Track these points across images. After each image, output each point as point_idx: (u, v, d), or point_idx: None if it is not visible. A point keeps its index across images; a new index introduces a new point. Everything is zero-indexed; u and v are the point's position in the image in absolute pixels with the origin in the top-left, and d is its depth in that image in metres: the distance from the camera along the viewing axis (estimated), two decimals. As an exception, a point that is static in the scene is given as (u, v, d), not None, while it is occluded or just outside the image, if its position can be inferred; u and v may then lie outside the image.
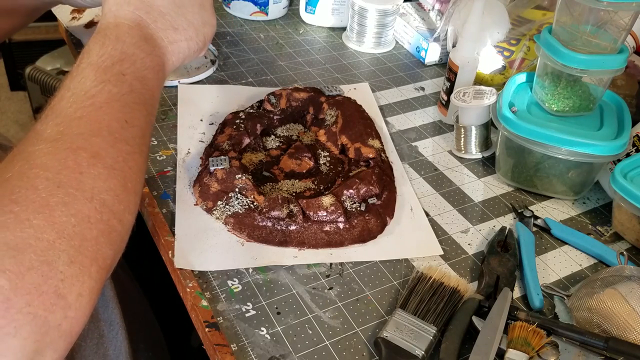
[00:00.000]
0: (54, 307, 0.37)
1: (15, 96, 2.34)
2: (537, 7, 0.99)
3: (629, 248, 0.71)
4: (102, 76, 0.49)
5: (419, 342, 0.55)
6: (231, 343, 0.55)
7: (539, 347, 0.54)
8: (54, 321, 0.37)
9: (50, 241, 0.38)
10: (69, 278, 0.38)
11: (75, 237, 0.40)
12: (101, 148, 0.45)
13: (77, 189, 0.41)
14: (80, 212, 0.41)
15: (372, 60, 1.05)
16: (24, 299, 0.35)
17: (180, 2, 0.60)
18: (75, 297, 0.38)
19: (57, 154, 0.42)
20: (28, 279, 0.36)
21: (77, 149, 0.43)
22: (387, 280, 0.64)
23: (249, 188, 0.68)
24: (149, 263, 0.80)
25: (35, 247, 0.37)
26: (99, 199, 0.42)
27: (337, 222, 0.66)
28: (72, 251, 0.39)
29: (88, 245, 0.41)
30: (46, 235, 0.38)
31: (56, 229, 0.39)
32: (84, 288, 0.39)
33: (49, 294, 0.37)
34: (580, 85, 0.75)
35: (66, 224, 0.40)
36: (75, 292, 0.38)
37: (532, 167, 0.76)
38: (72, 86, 0.48)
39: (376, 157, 0.75)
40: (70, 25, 1.02)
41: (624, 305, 0.58)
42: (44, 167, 0.41)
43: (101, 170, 0.44)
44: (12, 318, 0.35)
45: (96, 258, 0.41)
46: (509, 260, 0.65)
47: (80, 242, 0.40)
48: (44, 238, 0.38)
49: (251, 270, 0.63)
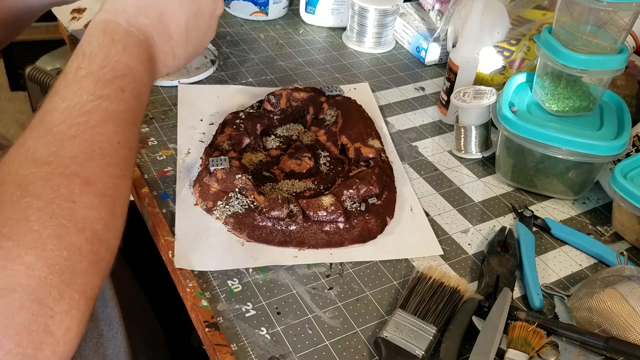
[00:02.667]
0: (43, 344, 0.36)
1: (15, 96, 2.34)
2: (537, 7, 0.99)
3: (629, 248, 0.71)
4: (101, 90, 0.47)
5: (419, 342, 0.55)
6: (231, 343, 0.55)
7: (539, 347, 0.54)
8: (43, 358, 0.36)
9: (42, 277, 0.37)
10: (59, 314, 0.38)
11: (66, 271, 0.39)
12: (93, 173, 0.43)
13: (70, 220, 0.40)
14: (72, 244, 0.40)
15: (372, 60, 1.05)
16: (13, 339, 0.35)
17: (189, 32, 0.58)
18: (64, 332, 0.38)
19: (50, 181, 0.41)
20: (18, 319, 0.35)
21: (70, 174, 0.42)
22: (387, 280, 0.64)
23: (249, 188, 0.68)
24: (149, 263, 0.80)
25: (26, 286, 0.37)
26: (90, 229, 0.41)
27: (337, 222, 0.66)
28: (62, 286, 0.38)
29: (78, 278, 0.40)
30: (37, 272, 0.37)
31: (48, 264, 0.38)
32: (73, 322, 0.39)
33: (39, 333, 0.36)
34: (580, 85, 0.75)
35: (58, 258, 0.39)
36: (64, 327, 0.38)
37: (532, 167, 0.76)
38: (68, 96, 0.46)
39: (376, 157, 0.75)
40: (70, 25, 1.02)
41: (624, 305, 0.58)
42: (36, 195, 0.40)
43: (93, 199, 0.42)
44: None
45: (85, 290, 0.40)
46: (509, 260, 0.65)
47: (71, 276, 0.39)
48: (35, 275, 0.37)
49: (251, 270, 0.63)
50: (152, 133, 0.80)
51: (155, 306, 0.85)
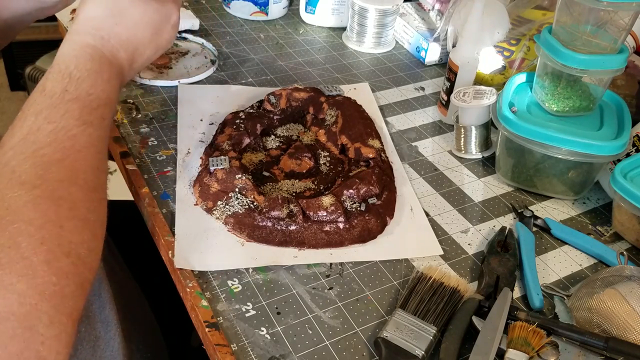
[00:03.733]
0: None
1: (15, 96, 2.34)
2: (537, 7, 0.99)
3: (629, 248, 0.71)
4: (86, 117, 0.49)
5: (419, 342, 0.55)
6: (231, 343, 0.55)
7: (539, 347, 0.54)
8: None
9: (33, 304, 0.38)
10: (49, 339, 0.38)
11: (55, 296, 0.39)
12: (78, 199, 0.44)
13: (58, 245, 0.41)
14: (61, 269, 0.40)
15: (372, 60, 1.05)
16: None
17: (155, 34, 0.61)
18: (54, 357, 0.38)
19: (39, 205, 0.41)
20: (11, 348, 0.36)
21: (58, 199, 0.42)
22: (387, 280, 0.64)
23: (249, 188, 0.68)
24: (149, 263, 0.80)
25: (18, 314, 0.37)
26: (75, 253, 0.42)
27: (337, 222, 0.66)
28: (52, 311, 0.39)
29: (66, 302, 0.40)
30: (29, 299, 0.38)
31: (39, 290, 0.38)
32: (62, 345, 0.39)
33: None
34: (580, 85, 0.75)
35: (48, 284, 0.39)
36: (54, 351, 0.38)
37: (532, 167, 0.76)
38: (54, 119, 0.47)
39: (376, 157, 0.75)
40: (70, 25, 1.02)
41: (624, 305, 0.58)
42: (26, 220, 0.40)
43: (77, 223, 0.43)
44: None
45: (72, 313, 0.41)
46: (509, 260, 0.65)
47: (60, 300, 0.40)
48: (27, 302, 0.37)
49: (251, 270, 0.63)
50: (152, 133, 0.80)
51: (155, 306, 0.85)
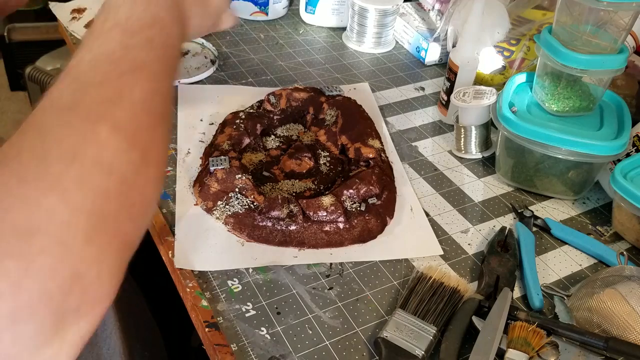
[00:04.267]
0: (71, 289, 0.35)
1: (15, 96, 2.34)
2: (537, 7, 0.99)
3: (629, 248, 0.71)
4: (128, 40, 0.45)
5: (419, 342, 0.55)
6: (231, 343, 0.55)
7: (539, 347, 0.54)
8: (72, 303, 0.35)
9: (65, 221, 0.36)
10: (87, 258, 0.36)
11: (93, 215, 0.37)
12: (122, 119, 0.41)
13: (95, 163, 0.39)
14: (98, 187, 0.38)
15: (372, 60, 1.05)
16: (36, 283, 0.34)
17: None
18: (94, 278, 0.36)
19: (74, 126, 0.39)
20: (40, 261, 0.34)
21: (97, 119, 0.40)
22: (387, 280, 0.64)
23: (249, 188, 0.68)
24: (149, 263, 0.80)
25: (47, 229, 0.35)
26: (118, 173, 0.39)
27: (337, 222, 0.66)
28: (89, 230, 0.37)
29: (107, 222, 0.38)
30: (59, 215, 0.36)
31: (71, 207, 0.36)
32: (103, 267, 0.37)
33: (65, 277, 0.35)
34: (580, 85, 0.75)
35: (83, 201, 0.37)
36: (94, 272, 0.36)
37: (532, 167, 0.76)
38: (94, 47, 0.44)
39: (376, 157, 0.75)
40: (70, 25, 1.02)
41: (624, 305, 0.58)
42: (58, 140, 0.38)
43: (121, 144, 0.40)
44: (25, 303, 0.33)
45: (116, 235, 0.38)
46: (509, 260, 0.65)
47: (99, 220, 0.37)
48: (57, 218, 0.36)
49: (251, 270, 0.63)
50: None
51: (155, 306, 0.85)
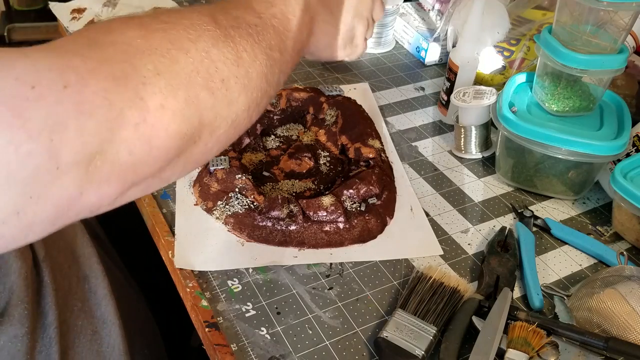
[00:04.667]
0: (132, 103, 0.35)
1: (15, 96, 2.34)
2: (537, 7, 0.99)
3: (629, 248, 0.71)
4: None
5: (419, 342, 0.55)
6: (231, 343, 0.55)
7: (539, 347, 0.54)
8: (130, 118, 0.35)
9: (139, 48, 0.37)
10: (151, 85, 0.37)
11: (166, 58, 0.38)
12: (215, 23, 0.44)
13: (185, 29, 0.40)
14: (179, 40, 0.40)
15: (372, 60, 1.05)
16: (100, 83, 0.34)
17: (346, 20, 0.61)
18: (156, 106, 0.37)
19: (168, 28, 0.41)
20: (107, 67, 0.35)
21: (186, 25, 0.42)
22: (387, 280, 0.64)
23: (249, 188, 0.68)
24: (149, 263, 0.80)
25: (119, 48, 0.36)
26: (203, 45, 0.41)
27: (337, 222, 0.66)
28: (160, 66, 0.38)
29: (180, 71, 0.39)
30: (133, 45, 0.37)
31: (148, 44, 0.38)
32: (168, 103, 0.37)
33: (128, 91, 0.35)
34: (580, 85, 0.75)
35: (160, 45, 0.38)
36: (157, 101, 0.37)
37: (532, 167, 0.76)
38: None
39: (376, 157, 0.75)
40: (70, 25, 1.02)
41: (624, 305, 0.58)
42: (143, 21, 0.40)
43: (215, 40, 0.42)
44: (87, 98, 0.33)
45: (187, 88, 0.39)
46: (509, 260, 0.65)
47: (172, 64, 0.38)
48: (132, 44, 0.37)
49: (251, 270, 0.63)
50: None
51: (155, 306, 0.85)
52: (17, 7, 2.18)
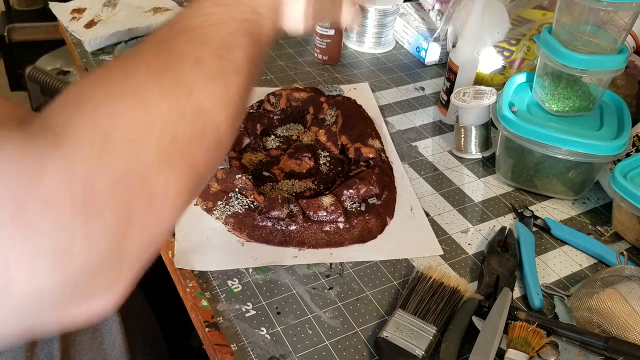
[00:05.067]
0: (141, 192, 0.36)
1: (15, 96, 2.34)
2: (537, 7, 0.99)
3: (629, 248, 0.71)
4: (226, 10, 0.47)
5: (419, 342, 0.55)
6: (231, 343, 0.55)
7: (539, 347, 0.54)
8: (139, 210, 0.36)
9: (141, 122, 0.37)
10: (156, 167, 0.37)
11: (167, 130, 0.38)
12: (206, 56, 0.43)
13: (178, 84, 0.40)
14: (176, 103, 0.39)
15: (372, 60, 1.05)
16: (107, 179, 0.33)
17: None
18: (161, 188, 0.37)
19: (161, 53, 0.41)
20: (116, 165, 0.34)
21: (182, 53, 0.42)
22: (387, 280, 0.64)
23: (249, 188, 0.68)
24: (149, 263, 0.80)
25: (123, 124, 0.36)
26: (197, 98, 0.40)
27: (337, 222, 0.66)
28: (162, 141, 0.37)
29: (179, 142, 0.38)
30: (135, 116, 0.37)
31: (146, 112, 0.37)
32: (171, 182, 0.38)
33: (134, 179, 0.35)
34: (580, 85, 0.75)
35: (159, 111, 0.38)
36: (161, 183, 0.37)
37: (532, 167, 0.76)
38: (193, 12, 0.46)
39: (376, 157, 0.75)
40: (70, 25, 1.02)
41: (624, 305, 0.58)
42: (146, 61, 0.40)
43: (203, 76, 0.42)
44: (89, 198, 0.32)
45: (187, 156, 0.39)
46: (509, 260, 0.65)
47: (172, 136, 0.38)
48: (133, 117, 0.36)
49: (251, 270, 0.63)
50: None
51: (155, 306, 0.85)
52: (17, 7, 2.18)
